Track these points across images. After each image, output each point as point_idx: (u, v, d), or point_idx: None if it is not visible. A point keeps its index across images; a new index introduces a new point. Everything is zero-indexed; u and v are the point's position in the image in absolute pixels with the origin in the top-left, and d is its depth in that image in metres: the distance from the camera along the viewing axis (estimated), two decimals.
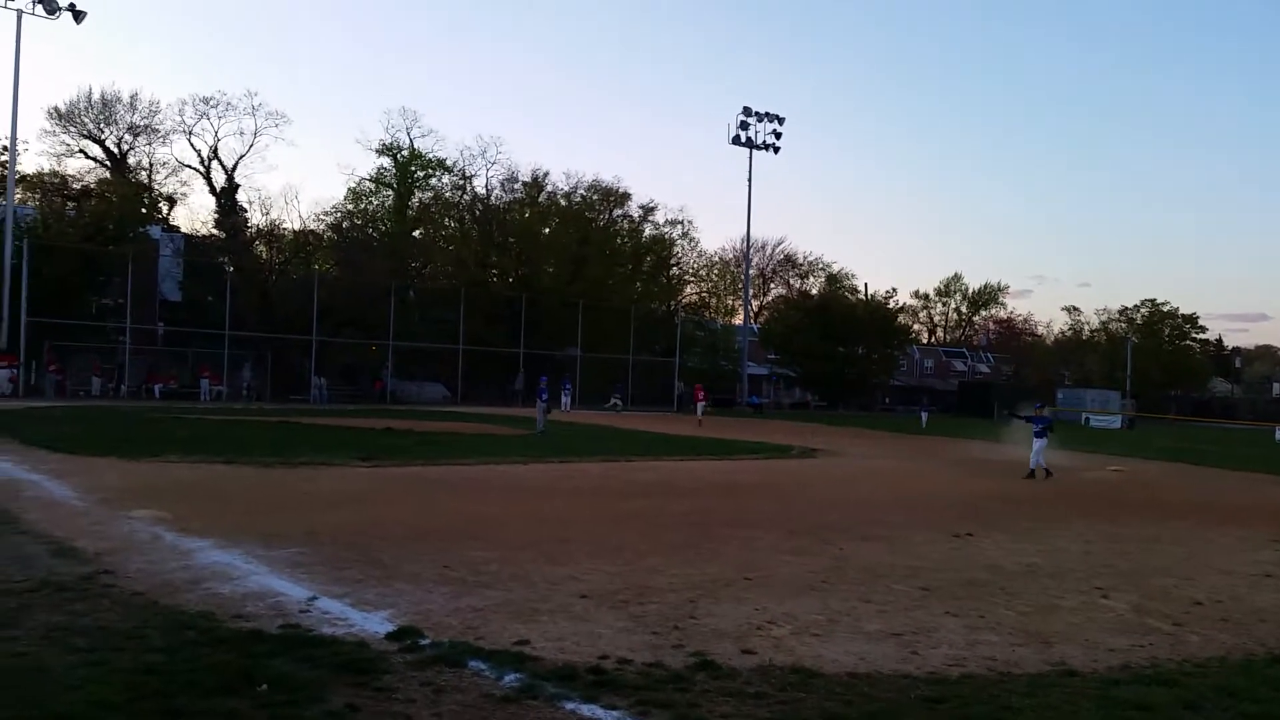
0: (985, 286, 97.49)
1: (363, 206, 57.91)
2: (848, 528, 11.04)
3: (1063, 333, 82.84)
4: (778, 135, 59.71)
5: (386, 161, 58.54)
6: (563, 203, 57.35)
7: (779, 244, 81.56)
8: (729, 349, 62.91)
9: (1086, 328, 77.72)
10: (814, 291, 75.78)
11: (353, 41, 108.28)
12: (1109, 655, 6.05)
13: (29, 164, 48.76)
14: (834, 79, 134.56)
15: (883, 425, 42.74)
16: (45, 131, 53.72)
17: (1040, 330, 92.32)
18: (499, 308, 48.97)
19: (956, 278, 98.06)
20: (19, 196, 37.77)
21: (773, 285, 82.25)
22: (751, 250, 68.69)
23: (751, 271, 70.11)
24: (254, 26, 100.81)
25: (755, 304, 75.43)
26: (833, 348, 62.10)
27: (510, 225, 55.17)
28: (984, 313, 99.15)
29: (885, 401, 70.48)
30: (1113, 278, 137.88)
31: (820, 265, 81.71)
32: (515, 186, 57.10)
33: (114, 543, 8.24)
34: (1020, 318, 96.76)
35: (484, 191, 57.88)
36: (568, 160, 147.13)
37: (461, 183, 58.12)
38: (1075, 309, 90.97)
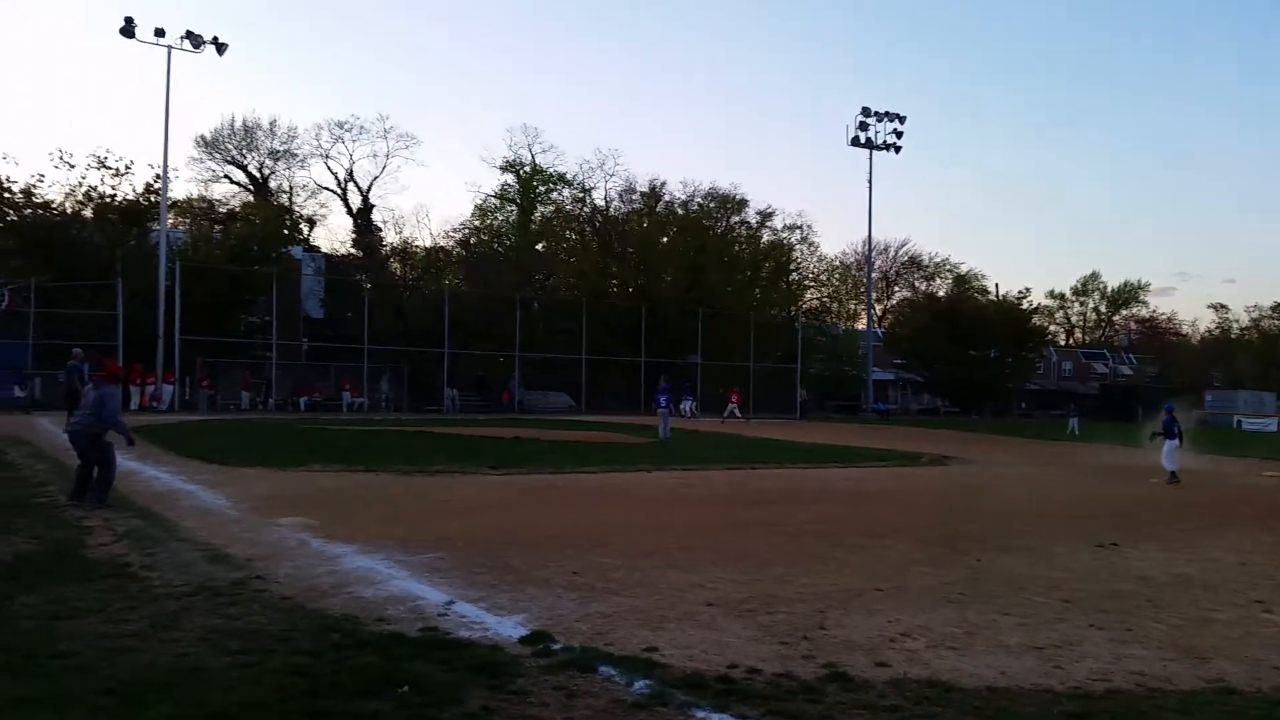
0: (1125, 285, 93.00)
1: (488, 222, 59.67)
2: (984, 537, 10.67)
3: (1209, 331, 78.19)
4: (899, 134, 58.51)
5: (510, 178, 60.33)
6: (680, 211, 57.61)
7: (902, 246, 79.82)
8: (852, 354, 61.82)
9: (1235, 325, 73.13)
10: (941, 293, 73.72)
11: (477, 62, 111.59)
12: (1273, 674, 5.66)
13: (179, 190, 52.05)
14: (956, 74, 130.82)
15: (1019, 431, 41.17)
16: (193, 159, 57.39)
17: (1185, 329, 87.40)
18: (620, 317, 49.52)
19: (1094, 276, 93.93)
20: (170, 221, 40.28)
21: (897, 288, 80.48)
22: (874, 253, 67.36)
23: (874, 274, 68.72)
24: (386, 51, 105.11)
25: (879, 308, 73.93)
26: (963, 351, 60.22)
27: (629, 235, 55.75)
28: (1124, 312, 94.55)
29: (1021, 406, 67.89)
30: (1260, 274, 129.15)
31: (947, 266, 79.57)
32: (633, 197, 57.79)
33: (264, 549, 8.68)
34: (1163, 317, 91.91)
35: (603, 203, 58.78)
36: (685, 169, 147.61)
37: (581, 195, 59.16)
38: (1222, 306, 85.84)
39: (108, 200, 38.94)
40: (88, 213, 38.97)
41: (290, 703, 4.58)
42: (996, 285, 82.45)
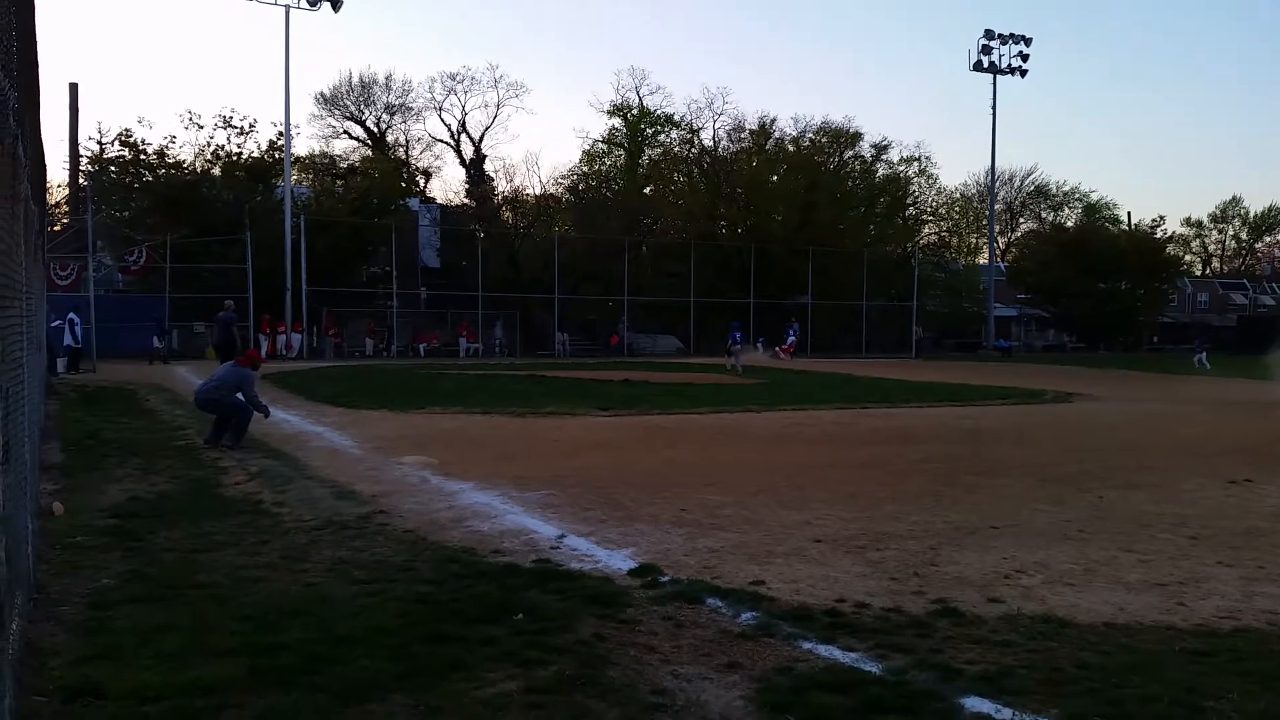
0: (1269, 210, 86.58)
1: (596, 167, 59.74)
2: (1108, 475, 10.29)
3: None
4: (1024, 58, 55.61)
5: (617, 122, 60.13)
6: (790, 149, 56.36)
7: (1028, 175, 76.25)
8: (973, 290, 59.82)
9: None
10: (1069, 224, 70.37)
11: (584, 6, 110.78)
12: None
13: (301, 147, 53.86)
14: None
15: (1150, 366, 39.27)
16: (314, 116, 59.20)
17: None
18: (728, 258, 49.16)
19: (1235, 201, 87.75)
20: (294, 177, 41.76)
21: (1022, 220, 77.16)
22: (997, 183, 64.68)
23: (997, 206, 66.10)
24: (495, 2, 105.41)
25: (1002, 240, 71.17)
26: (1091, 284, 57.56)
27: (738, 175, 54.99)
28: (1268, 239, 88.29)
29: (1153, 341, 64.69)
30: None
31: (1076, 195, 75.78)
32: (742, 136, 56.79)
33: (387, 486, 9.08)
34: None
35: (711, 143, 58.02)
36: (796, 104, 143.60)
37: (689, 136, 58.51)
38: None
39: (235, 158, 40.63)
40: (216, 171, 40.75)
41: (413, 628, 4.81)
42: (1129, 214, 77.96)
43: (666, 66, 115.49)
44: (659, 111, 59.71)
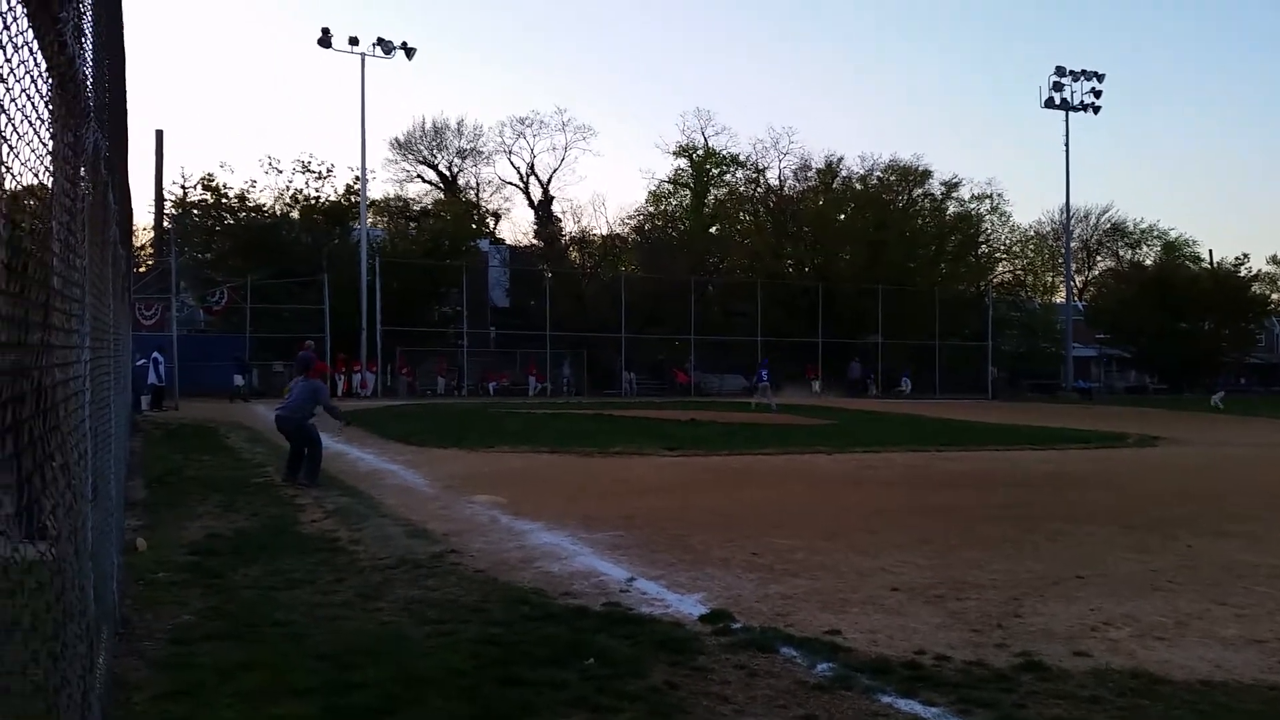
0: None
1: (662, 207, 60.19)
2: (1197, 522, 9.88)
3: None
4: (1097, 94, 54.71)
5: (683, 162, 60.63)
6: (858, 186, 56.08)
7: (1104, 212, 74.43)
8: (1050, 330, 58.43)
9: None
10: (1148, 262, 68.49)
11: (650, 50, 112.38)
12: None
13: (376, 190, 55.24)
14: (1158, 25, 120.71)
15: (1236, 409, 37.82)
16: (388, 160, 61.05)
17: None
18: (795, 297, 48.93)
19: None
20: (369, 220, 42.90)
21: (1099, 258, 75.29)
22: (1072, 221, 63.32)
23: (1073, 244, 64.63)
24: (563, 45, 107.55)
25: (1079, 279, 69.50)
26: (1173, 324, 55.77)
27: (804, 214, 54.83)
28: None
29: (1239, 382, 62.31)
30: None
31: (1154, 233, 73.73)
32: (808, 175, 56.74)
33: (458, 525, 9.14)
34: None
35: (777, 182, 58.07)
36: (862, 142, 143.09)
37: (755, 176, 58.67)
38: None
39: (313, 202, 41.95)
40: (295, 214, 42.11)
41: (485, 670, 4.81)
42: (1210, 252, 75.55)
43: (732, 107, 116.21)
44: (724, 152, 60.12)
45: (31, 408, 1.96)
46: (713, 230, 58.07)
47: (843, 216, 54.78)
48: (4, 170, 1.82)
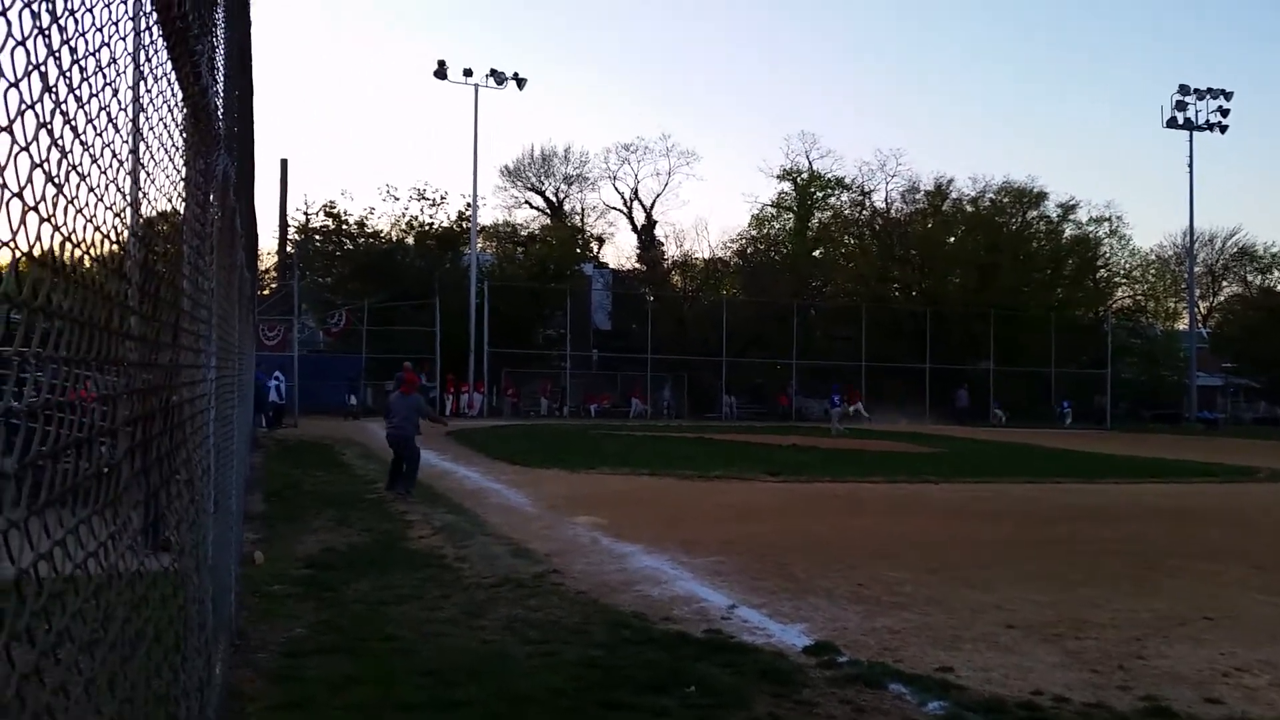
0: None
1: (765, 231, 59.83)
2: None
3: None
4: (1224, 113, 52.20)
5: (787, 186, 60.21)
6: (969, 209, 54.67)
7: (1231, 235, 70.75)
8: (1172, 357, 55.67)
9: None
10: (1279, 288, 64.72)
11: (754, 73, 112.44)
12: None
13: (486, 217, 56.63)
14: None
15: None
16: (498, 187, 62.52)
17: None
18: (901, 321, 47.91)
19: None
20: (479, 245, 43.99)
21: (1225, 283, 71.56)
22: (1196, 244, 60.41)
23: (1197, 268, 61.63)
24: (667, 72, 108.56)
25: (1203, 305, 66.18)
26: None
27: (911, 237, 53.73)
28: None
29: None
30: None
31: None
32: (916, 197, 55.62)
33: (560, 545, 9.19)
34: None
35: (883, 205, 57.13)
36: (974, 164, 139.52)
37: (860, 198, 57.87)
38: None
39: (426, 228, 43.26)
40: (410, 240, 43.49)
41: (586, 693, 4.78)
42: None
43: (837, 130, 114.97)
44: (829, 175, 59.48)
45: (160, 425, 2.03)
46: (816, 254, 57.43)
47: (952, 239, 53.45)
48: (141, 195, 1.88)
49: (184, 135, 2.51)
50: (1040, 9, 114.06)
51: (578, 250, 50.67)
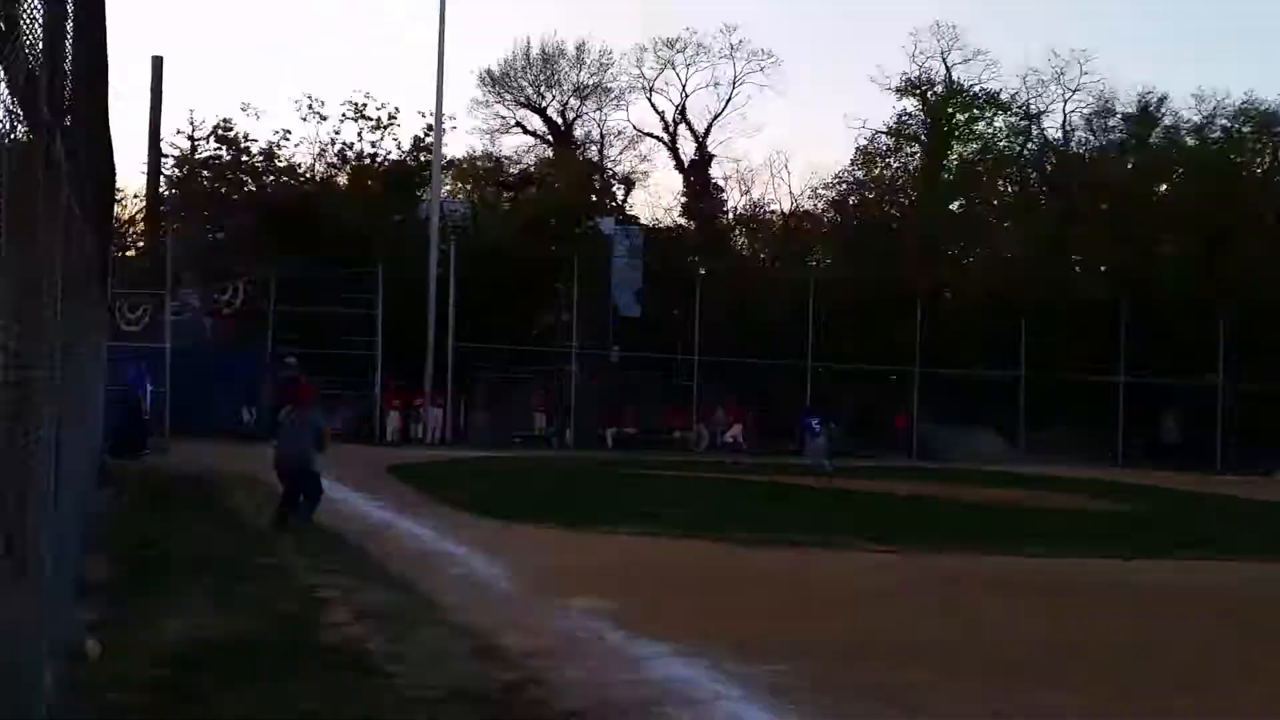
0: None
1: (878, 173, 59.52)
2: None
3: None
4: None
5: (912, 104, 59.76)
6: (1190, 142, 54.25)
7: None
8: None
9: None
10: None
11: None
12: None
13: (457, 146, 57.12)
14: None
15: None
16: (476, 103, 62.01)
17: None
18: (1081, 314, 47.52)
19: None
20: (445, 188, 44.14)
21: None
22: None
23: None
24: None
25: None
26: None
27: (1101, 187, 53.35)
28: None
29: None
30: None
31: None
32: (1110, 124, 55.32)
33: (546, 640, 9.14)
34: None
35: (1059, 135, 56.78)
36: (1200, 73, 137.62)
37: (1024, 125, 57.54)
38: None
39: (367, 162, 43.46)
40: (342, 179, 43.73)
41: None
42: None
43: (990, 22, 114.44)
44: (977, 87, 59.12)
45: None
46: (954, 207, 57.19)
47: (1164, 188, 52.98)
48: None
49: None
50: None
51: (594, 198, 50.79)
